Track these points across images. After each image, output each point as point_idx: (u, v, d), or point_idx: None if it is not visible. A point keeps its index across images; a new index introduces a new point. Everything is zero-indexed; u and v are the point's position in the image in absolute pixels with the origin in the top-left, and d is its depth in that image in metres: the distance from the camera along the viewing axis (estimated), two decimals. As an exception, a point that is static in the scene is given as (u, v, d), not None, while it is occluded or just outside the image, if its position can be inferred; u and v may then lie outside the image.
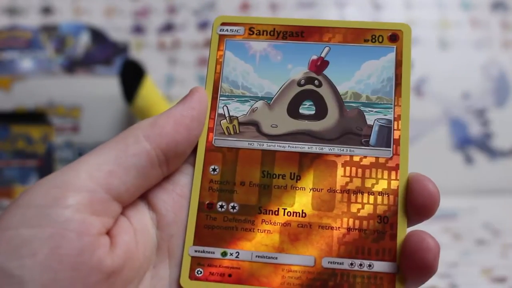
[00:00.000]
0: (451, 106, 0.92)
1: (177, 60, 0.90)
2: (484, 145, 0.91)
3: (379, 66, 0.32)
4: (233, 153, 0.32)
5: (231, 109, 0.32)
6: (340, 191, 0.31)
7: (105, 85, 0.69)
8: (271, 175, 0.31)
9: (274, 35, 0.33)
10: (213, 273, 0.30)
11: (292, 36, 0.33)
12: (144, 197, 0.30)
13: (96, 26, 0.74)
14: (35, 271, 0.25)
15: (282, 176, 0.31)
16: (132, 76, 0.60)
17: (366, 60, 0.32)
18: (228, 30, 0.34)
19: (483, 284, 0.56)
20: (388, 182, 0.31)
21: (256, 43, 0.34)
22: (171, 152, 0.29)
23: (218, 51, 0.34)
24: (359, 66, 0.32)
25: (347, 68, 0.32)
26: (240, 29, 0.34)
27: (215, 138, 0.32)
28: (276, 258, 0.30)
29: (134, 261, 0.28)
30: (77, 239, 0.26)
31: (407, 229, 0.30)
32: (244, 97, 0.33)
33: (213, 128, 0.32)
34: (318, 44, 0.33)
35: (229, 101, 0.33)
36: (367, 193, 0.30)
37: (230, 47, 0.34)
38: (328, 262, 0.30)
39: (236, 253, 0.30)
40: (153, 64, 0.86)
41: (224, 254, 0.30)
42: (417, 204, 0.29)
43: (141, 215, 0.30)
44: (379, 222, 0.30)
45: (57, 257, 0.25)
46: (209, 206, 0.31)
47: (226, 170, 0.31)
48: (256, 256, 0.30)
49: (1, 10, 0.86)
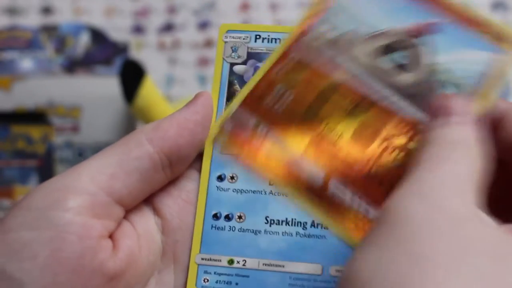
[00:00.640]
0: (451, 106, 0.92)
1: (177, 60, 0.90)
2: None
3: (482, 59, 0.30)
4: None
5: None
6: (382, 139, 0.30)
7: (105, 85, 0.69)
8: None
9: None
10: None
11: None
12: (149, 202, 0.30)
13: (96, 26, 0.74)
14: (35, 274, 0.25)
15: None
16: (132, 76, 0.60)
17: (473, 48, 0.30)
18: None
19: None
20: None
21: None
22: (174, 156, 0.29)
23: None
24: (464, 50, 0.31)
25: (449, 46, 0.31)
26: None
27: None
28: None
29: (137, 266, 0.28)
30: (78, 242, 0.26)
31: None
32: None
33: None
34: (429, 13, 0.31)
35: None
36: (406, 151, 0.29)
37: None
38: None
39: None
40: (153, 64, 0.86)
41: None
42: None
43: (145, 220, 0.30)
44: None
45: (57, 260, 0.25)
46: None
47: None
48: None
49: (1, 10, 0.86)
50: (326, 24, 0.33)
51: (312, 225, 0.30)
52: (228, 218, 0.31)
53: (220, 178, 0.31)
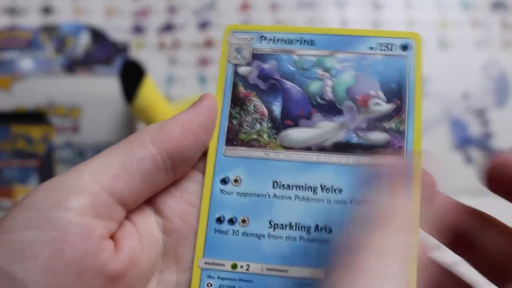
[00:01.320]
0: (451, 106, 0.92)
1: (177, 60, 0.90)
2: (485, 145, 0.91)
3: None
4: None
5: None
6: None
7: (105, 85, 0.69)
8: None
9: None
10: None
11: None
12: (151, 202, 0.30)
13: (96, 26, 0.73)
14: (37, 274, 0.25)
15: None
16: (132, 76, 0.60)
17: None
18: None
19: (483, 284, 0.56)
20: None
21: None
22: (177, 158, 0.29)
23: None
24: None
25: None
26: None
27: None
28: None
29: (139, 266, 0.28)
30: (80, 242, 0.26)
31: None
32: None
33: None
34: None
35: None
36: None
37: None
38: None
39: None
40: (153, 64, 0.86)
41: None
42: None
43: (147, 220, 0.30)
44: None
45: (59, 261, 0.25)
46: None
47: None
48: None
49: (1, 10, 0.86)
50: None
51: (316, 229, 0.30)
52: (231, 222, 0.31)
53: (224, 181, 0.31)
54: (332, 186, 0.30)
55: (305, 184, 0.31)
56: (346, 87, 0.32)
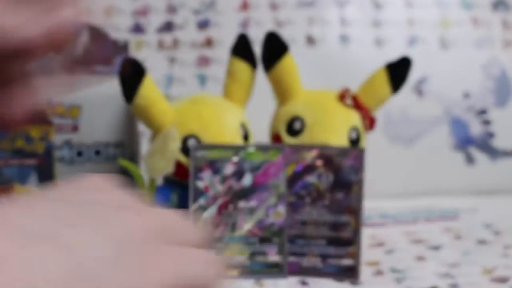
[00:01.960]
0: (451, 105, 0.91)
1: (177, 60, 0.90)
2: (485, 145, 0.91)
3: None
4: None
5: None
6: None
7: (105, 85, 0.69)
8: None
9: None
10: None
11: None
12: None
13: (95, 25, 0.73)
14: None
15: None
16: (132, 75, 0.60)
17: None
18: None
19: (484, 284, 0.55)
20: None
21: None
22: None
23: None
24: None
25: None
26: None
27: None
28: None
29: None
30: None
31: None
32: None
33: None
34: None
35: None
36: None
37: None
38: None
39: None
40: (152, 64, 0.86)
41: None
42: None
43: None
44: None
45: None
46: None
47: None
48: None
49: None
50: None
51: None
52: None
53: None
54: None
55: None
56: None
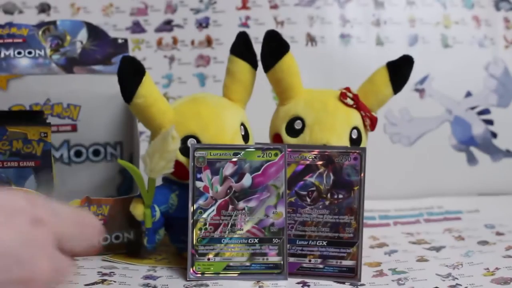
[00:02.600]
0: (453, 105, 0.91)
1: (176, 59, 0.89)
2: (488, 145, 0.91)
3: None
4: None
5: None
6: None
7: (104, 84, 0.69)
8: None
9: None
10: None
11: None
12: None
13: (94, 24, 0.73)
14: None
15: None
16: (131, 75, 0.59)
17: None
18: None
19: (486, 286, 0.55)
20: None
21: None
22: None
23: None
24: None
25: None
26: None
27: None
28: None
29: None
30: None
31: None
32: None
33: None
34: None
35: None
36: None
37: None
38: None
39: None
40: (152, 63, 0.86)
41: None
42: None
43: None
44: None
45: None
46: None
47: None
48: None
49: (-2, 7, 0.86)
50: None
51: None
52: None
53: None
54: None
55: None
56: None
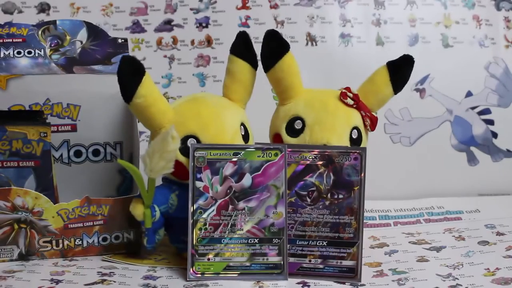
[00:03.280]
0: (454, 105, 0.91)
1: (176, 59, 0.90)
2: (488, 145, 0.91)
3: None
4: None
5: None
6: None
7: (104, 84, 0.69)
8: None
9: None
10: None
11: None
12: None
13: (94, 23, 0.73)
14: None
15: None
16: (131, 74, 0.59)
17: None
18: None
19: (486, 285, 0.55)
20: None
21: None
22: None
23: None
24: None
25: None
26: None
27: None
28: None
29: None
30: None
31: None
32: None
33: None
34: None
35: None
36: None
37: None
38: None
39: None
40: (152, 62, 0.86)
41: None
42: None
43: None
44: None
45: None
46: None
47: None
48: None
49: (-3, 7, 0.86)
50: None
51: None
52: None
53: None
54: None
55: None
56: None
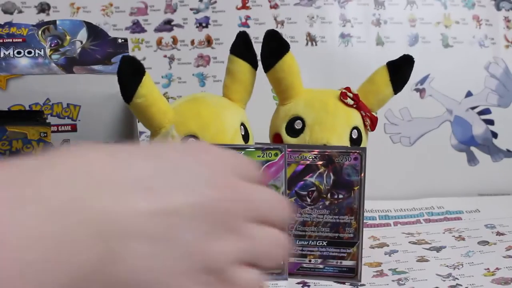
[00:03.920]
0: (454, 105, 0.91)
1: (176, 59, 0.89)
2: (488, 145, 0.91)
3: None
4: None
5: None
6: None
7: (104, 84, 0.69)
8: None
9: None
10: None
11: None
12: None
13: (94, 23, 0.73)
14: None
15: None
16: (131, 74, 0.59)
17: None
18: None
19: (486, 285, 0.55)
20: None
21: None
22: None
23: None
24: None
25: None
26: None
27: None
28: None
29: None
30: None
31: None
32: None
33: None
34: None
35: None
36: None
37: None
38: None
39: None
40: (152, 62, 0.86)
41: None
42: None
43: None
44: None
45: None
46: None
47: None
48: None
49: (-3, 7, 0.85)
50: None
51: None
52: None
53: None
54: None
55: None
56: None
